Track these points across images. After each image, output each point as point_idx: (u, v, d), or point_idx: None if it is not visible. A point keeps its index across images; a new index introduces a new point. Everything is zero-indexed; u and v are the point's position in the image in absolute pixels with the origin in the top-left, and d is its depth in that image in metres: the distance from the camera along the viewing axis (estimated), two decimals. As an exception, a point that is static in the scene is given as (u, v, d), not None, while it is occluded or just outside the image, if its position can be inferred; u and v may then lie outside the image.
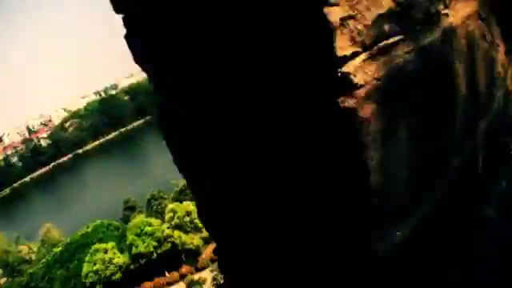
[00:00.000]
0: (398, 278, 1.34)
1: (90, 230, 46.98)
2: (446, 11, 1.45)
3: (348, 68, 1.18)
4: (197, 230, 42.39)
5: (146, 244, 41.58)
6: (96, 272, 41.32)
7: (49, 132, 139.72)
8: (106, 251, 41.88)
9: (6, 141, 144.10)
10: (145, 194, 52.38)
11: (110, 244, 42.72)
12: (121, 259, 42.18)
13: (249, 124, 1.41)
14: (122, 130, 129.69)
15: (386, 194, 1.28)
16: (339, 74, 1.17)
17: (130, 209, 53.23)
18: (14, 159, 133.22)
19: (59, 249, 48.00)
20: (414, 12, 1.34)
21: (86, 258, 42.13)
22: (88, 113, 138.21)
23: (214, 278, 36.60)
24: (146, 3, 1.56)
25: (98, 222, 48.27)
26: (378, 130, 1.23)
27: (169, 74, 1.62)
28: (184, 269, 42.09)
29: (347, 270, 1.37)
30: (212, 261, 39.27)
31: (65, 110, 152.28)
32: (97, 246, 42.32)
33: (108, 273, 41.35)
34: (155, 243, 41.96)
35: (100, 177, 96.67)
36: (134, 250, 41.80)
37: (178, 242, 41.99)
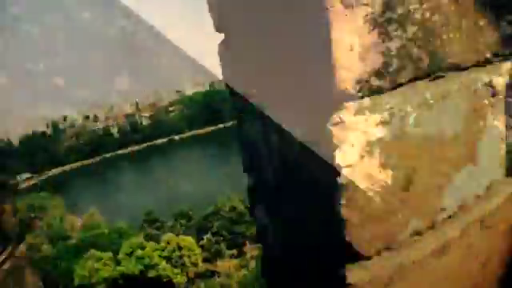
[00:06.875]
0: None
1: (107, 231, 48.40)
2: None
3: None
4: (183, 266, 42.66)
5: (132, 265, 41.61)
6: (83, 277, 41.20)
7: (153, 112, 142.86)
8: (98, 260, 41.75)
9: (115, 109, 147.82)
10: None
11: (107, 254, 42.49)
12: (106, 273, 42.04)
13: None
14: (220, 125, 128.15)
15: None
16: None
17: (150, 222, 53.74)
18: (114, 130, 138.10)
19: (73, 241, 49.26)
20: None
21: (80, 261, 42.07)
22: (191, 102, 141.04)
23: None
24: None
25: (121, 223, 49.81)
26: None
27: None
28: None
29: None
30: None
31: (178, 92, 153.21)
32: (93, 252, 42.27)
33: (93, 281, 41.26)
34: (142, 267, 41.98)
35: (179, 171, 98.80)
36: (120, 269, 41.86)
37: (162, 273, 41.90)
